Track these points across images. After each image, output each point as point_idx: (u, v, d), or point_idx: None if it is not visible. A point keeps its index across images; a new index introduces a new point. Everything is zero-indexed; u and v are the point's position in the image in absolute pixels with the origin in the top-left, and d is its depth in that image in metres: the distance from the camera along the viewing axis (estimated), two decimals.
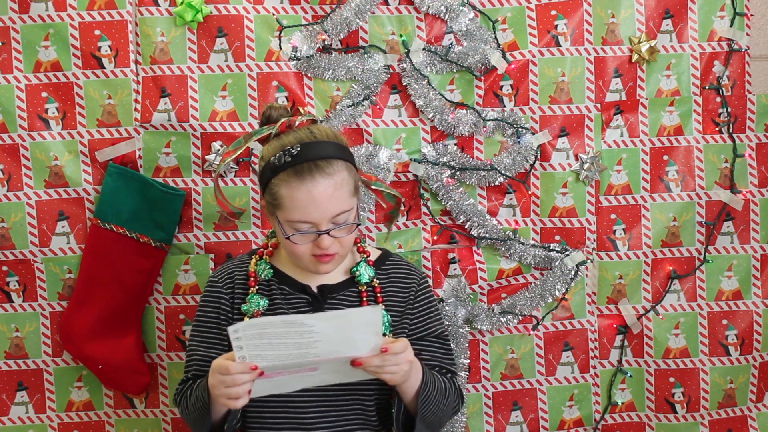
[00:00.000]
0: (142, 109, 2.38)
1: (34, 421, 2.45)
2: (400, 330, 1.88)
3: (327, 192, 1.73)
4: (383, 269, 1.93)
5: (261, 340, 1.60)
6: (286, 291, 1.89)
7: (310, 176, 1.73)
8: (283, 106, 1.90)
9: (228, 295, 1.91)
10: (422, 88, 2.41)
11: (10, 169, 2.38)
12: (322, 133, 1.80)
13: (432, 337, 1.91)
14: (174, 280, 2.44)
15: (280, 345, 1.61)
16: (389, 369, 1.67)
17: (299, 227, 1.76)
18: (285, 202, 1.75)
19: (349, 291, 1.89)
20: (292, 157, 1.75)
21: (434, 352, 1.90)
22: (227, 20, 2.37)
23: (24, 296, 2.42)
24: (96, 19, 2.35)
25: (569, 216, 2.49)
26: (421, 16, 2.43)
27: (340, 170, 1.76)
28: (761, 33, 2.56)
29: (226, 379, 1.65)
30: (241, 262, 1.95)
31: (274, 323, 1.60)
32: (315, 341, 1.61)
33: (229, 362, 1.64)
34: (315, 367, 1.67)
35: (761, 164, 2.52)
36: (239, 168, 2.41)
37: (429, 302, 1.94)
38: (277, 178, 1.76)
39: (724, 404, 2.56)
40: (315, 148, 1.76)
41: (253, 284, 1.89)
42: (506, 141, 2.47)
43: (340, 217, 1.76)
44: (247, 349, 1.62)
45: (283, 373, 1.67)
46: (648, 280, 2.53)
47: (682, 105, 2.50)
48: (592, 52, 2.46)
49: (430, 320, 1.92)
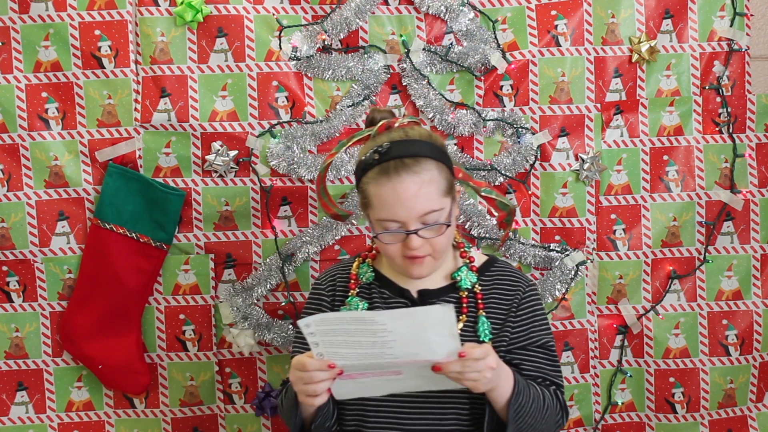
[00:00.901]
0: (142, 109, 2.38)
1: (34, 421, 2.46)
2: (501, 338, 1.83)
3: (412, 189, 1.72)
4: (487, 275, 1.89)
5: (335, 336, 1.58)
6: (386, 295, 1.88)
7: (395, 173, 1.72)
8: (387, 109, 1.91)
9: (329, 297, 1.91)
10: (422, 88, 2.41)
11: (10, 169, 2.38)
12: (416, 132, 1.80)
13: (535, 347, 1.84)
14: (174, 280, 2.44)
15: (354, 343, 1.58)
16: (470, 375, 1.61)
17: (388, 226, 1.75)
18: (373, 200, 1.76)
19: (449, 296, 1.86)
20: (380, 155, 1.75)
21: (537, 363, 1.84)
22: (227, 20, 2.37)
23: (24, 296, 2.42)
24: (96, 19, 2.35)
25: (569, 216, 2.49)
26: (421, 16, 2.43)
27: (429, 169, 1.74)
28: (761, 33, 2.56)
29: (303, 376, 1.64)
30: (345, 265, 1.95)
31: (345, 319, 1.57)
32: (389, 341, 1.57)
33: (307, 359, 1.63)
34: (399, 371, 1.64)
35: (761, 164, 2.53)
36: (239, 168, 2.41)
37: (534, 311, 1.87)
38: (366, 177, 1.77)
39: (724, 404, 2.56)
40: (404, 146, 1.76)
41: (354, 287, 1.89)
42: (506, 141, 2.47)
43: (429, 216, 1.74)
44: (323, 346, 1.60)
45: (366, 374, 1.64)
46: (648, 280, 2.53)
47: (682, 105, 2.50)
48: (592, 52, 2.46)
49: (534, 330, 1.85)
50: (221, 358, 2.48)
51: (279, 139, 2.40)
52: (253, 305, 2.45)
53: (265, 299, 2.47)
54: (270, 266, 2.42)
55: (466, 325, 1.83)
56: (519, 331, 1.85)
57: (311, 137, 2.40)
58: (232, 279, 2.46)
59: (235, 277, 2.46)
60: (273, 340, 2.44)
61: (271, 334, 2.44)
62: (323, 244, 2.43)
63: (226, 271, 2.46)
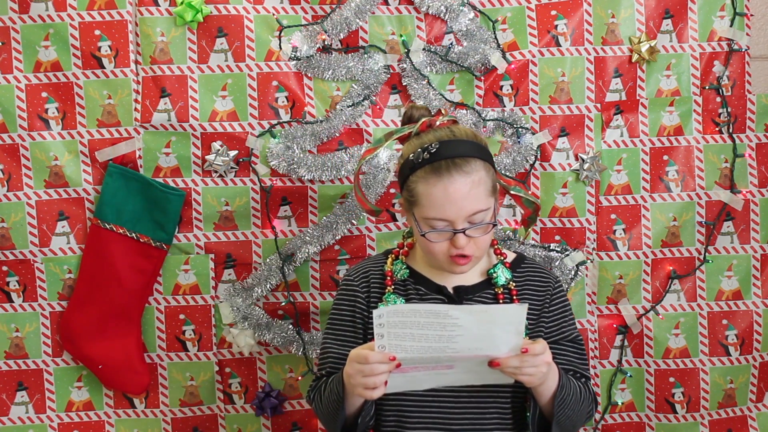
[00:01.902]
0: (142, 109, 2.38)
1: (34, 421, 2.45)
2: (536, 333, 1.87)
3: (463, 190, 1.74)
4: (519, 272, 1.92)
5: (403, 329, 1.60)
6: (422, 291, 1.89)
7: (447, 173, 1.74)
8: (424, 106, 1.93)
9: (364, 295, 1.92)
10: (422, 88, 2.41)
11: (10, 169, 2.38)
12: (462, 132, 1.82)
13: (567, 341, 1.89)
14: (174, 280, 2.44)
15: (421, 336, 1.60)
16: (527, 371, 1.65)
17: (435, 225, 1.77)
18: (421, 199, 1.77)
19: (485, 293, 1.89)
20: (431, 155, 1.76)
21: (569, 356, 1.89)
22: (227, 20, 2.37)
23: (24, 296, 2.42)
24: (96, 19, 2.35)
25: (569, 216, 2.49)
26: (421, 16, 2.43)
27: (478, 169, 1.76)
28: (761, 33, 2.56)
29: (364, 368, 1.64)
30: (377, 262, 1.96)
31: (419, 312, 1.59)
32: (456, 335, 1.60)
33: (368, 351, 1.65)
34: (451, 365, 1.66)
35: (761, 164, 2.52)
36: (239, 168, 2.41)
37: (564, 306, 1.92)
38: (414, 175, 1.78)
39: (724, 404, 2.56)
40: (454, 146, 1.77)
41: (390, 283, 1.90)
42: (506, 141, 2.47)
43: (477, 216, 1.76)
44: (387, 338, 1.61)
45: (418, 368, 1.66)
46: (648, 280, 2.53)
47: (682, 105, 2.50)
48: (592, 52, 2.46)
49: (565, 324, 1.91)
50: (221, 358, 2.48)
51: (279, 139, 2.40)
52: (253, 305, 2.45)
53: (265, 299, 2.47)
54: (270, 266, 2.42)
55: None
56: (552, 325, 1.89)
57: (311, 137, 2.40)
58: (232, 279, 2.46)
59: (235, 277, 2.46)
60: (273, 340, 2.44)
61: (271, 334, 2.44)
62: (323, 244, 2.43)
63: (226, 271, 2.46)
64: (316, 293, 2.47)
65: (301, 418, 2.52)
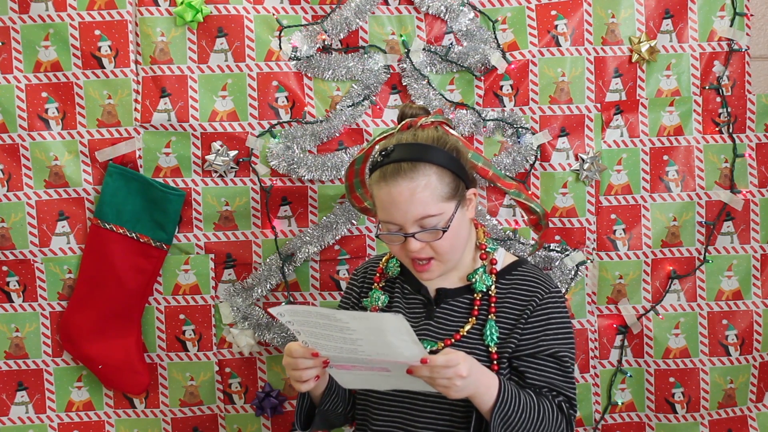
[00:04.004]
0: (142, 109, 2.38)
1: (34, 421, 2.45)
2: (508, 344, 1.81)
3: (405, 194, 1.73)
4: (507, 278, 1.87)
5: (312, 328, 1.61)
6: (407, 290, 1.92)
7: (392, 178, 1.75)
8: (420, 106, 1.93)
9: (358, 289, 1.98)
10: (422, 88, 2.41)
11: (10, 169, 2.38)
12: (425, 135, 1.80)
13: (545, 355, 1.80)
14: (174, 280, 2.44)
15: (328, 336, 1.61)
16: (440, 381, 1.61)
17: (388, 227, 1.78)
18: (375, 201, 1.80)
19: (463, 297, 1.87)
20: (382, 158, 1.78)
21: (543, 372, 1.80)
22: (227, 20, 2.37)
23: (24, 296, 2.42)
24: (96, 19, 2.35)
25: (569, 216, 2.49)
26: (421, 16, 2.43)
27: (426, 174, 1.74)
28: (761, 33, 2.56)
29: (290, 362, 1.69)
30: (378, 258, 2.01)
31: (312, 313, 1.61)
32: (357, 339, 1.59)
33: (294, 345, 1.68)
34: (386, 368, 1.65)
35: (761, 164, 2.52)
36: (239, 168, 2.41)
37: (549, 319, 1.82)
38: (370, 178, 1.81)
39: (724, 404, 2.56)
40: (405, 149, 1.77)
41: (378, 280, 1.94)
42: (506, 141, 2.47)
43: (426, 221, 1.75)
44: (305, 335, 1.64)
45: (359, 367, 1.67)
46: (648, 280, 2.53)
47: (682, 105, 2.50)
48: (592, 52, 2.46)
49: (546, 338, 1.81)
50: (221, 358, 2.48)
51: (279, 139, 2.40)
52: (253, 305, 2.45)
53: (265, 299, 2.47)
54: (270, 266, 2.42)
55: (474, 328, 1.83)
56: (528, 337, 1.82)
57: (311, 137, 2.40)
58: (232, 279, 2.46)
59: (235, 277, 2.46)
60: (273, 340, 2.44)
61: (271, 334, 2.44)
62: (323, 244, 2.43)
63: (226, 271, 2.46)
64: (316, 293, 2.47)
65: None
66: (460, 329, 1.83)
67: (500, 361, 1.80)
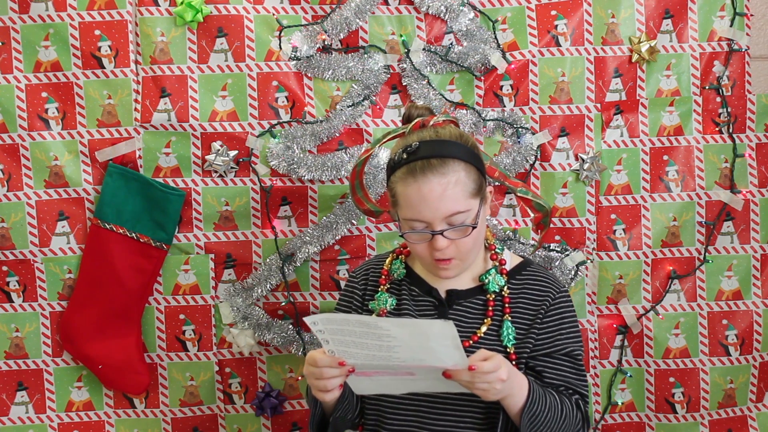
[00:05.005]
0: (142, 109, 2.38)
1: (34, 421, 2.45)
2: (525, 344, 1.82)
3: (437, 190, 1.72)
4: (517, 279, 1.88)
5: (344, 336, 1.58)
6: (415, 292, 1.89)
7: (422, 174, 1.73)
8: (424, 106, 1.91)
9: (361, 292, 1.94)
10: (422, 88, 2.41)
11: (10, 169, 2.38)
12: (447, 132, 1.79)
13: (560, 355, 1.82)
14: (174, 280, 2.44)
15: (362, 344, 1.59)
16: (480, 386, 1.61)
17: (414, 225, 1.76)
18: (400, 199, 1.77)
19: (476, 298, 1.86)
20: (408, 155, 1.75)
21: (560, 371, 1.82)
22: (227, 20, 2.37)
23: (24, 296, 2.42)
24: (96, 19, 2.36)
25: (569, 216, 2.49)
26: (421, 16, 2.43)
27: (456, 170, 1.74)
28: (761, 33, 2.56)
29: (314, 371, 1.65)
30: (379, 260, 1.97)
31: (350, 322, 1.58)
32: (394, 346, 1.58)
33: (319, 355, 1.64)
34: (411, 372, 1.64)
35: (761, 164, 2.52)
36: (239, 168, 2.41)
37: (562, 318, 1.85)
38: (394, 176, 1.78)
39: (724, 404, 2.56)
40: (433, 146, 1.76)
41: (384, 282, 1.90)
42: (506, 141, 2.47)
43: (455, 217, 1.73)
44: (333, 344, 1.61)
45: (381, 373, 1.65)
46: (648, 280, 2.53)
47: (682, 105, 2.50)
48: (592, 52, 2.46)
49: (561, 338, 1.83)
50: (221, 358, 2.48)
51: (279, 139, 2.40)
52: (253, 305, 2.45)
53: (265, 299, 2.47)
54: (270, 266, 2.42)
55: (490, 329, 1.83)
56: (544, 337, 1.83)
57: (311, 137, 2.40)
58: (232, 279, 2.46)
59: (235, 277, 2.46)
60: (273, 340, 2.44)
61: (271, 334, 2.44)
62: (323, 244, 2.43)
63: (226, 271, 2.46)
64: (316, 293, 2.47)
65: (301, 418, 2.52)
66: (477, 330, 1.83)
67: (518, 361, 1.81)
